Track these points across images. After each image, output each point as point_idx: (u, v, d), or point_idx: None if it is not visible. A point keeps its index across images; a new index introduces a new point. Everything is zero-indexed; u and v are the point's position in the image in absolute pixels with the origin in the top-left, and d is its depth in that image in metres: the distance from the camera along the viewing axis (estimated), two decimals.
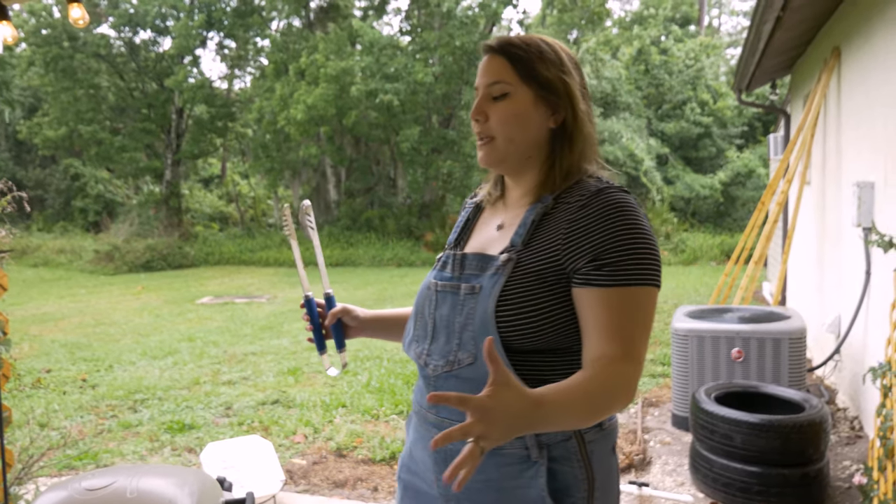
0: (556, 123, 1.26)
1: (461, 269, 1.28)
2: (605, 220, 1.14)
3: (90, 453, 4.03)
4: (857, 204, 4.07)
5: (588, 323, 1.15)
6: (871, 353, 3.99)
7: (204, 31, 19.49)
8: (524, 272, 1.18)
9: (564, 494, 1.19)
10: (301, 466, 3.83)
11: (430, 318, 1.30)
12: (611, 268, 1.12)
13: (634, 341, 1.13)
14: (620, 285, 1.13)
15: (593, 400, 1.09)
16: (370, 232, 18.34)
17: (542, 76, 1.24)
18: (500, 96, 1.25)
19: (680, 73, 19.77)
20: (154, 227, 18.32)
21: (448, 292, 1.28)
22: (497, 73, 1.25)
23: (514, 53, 1.24)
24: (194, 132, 20.67)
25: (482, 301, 1.20)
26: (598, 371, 1.11)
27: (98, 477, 1.43)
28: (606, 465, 1.25)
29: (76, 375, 5.90)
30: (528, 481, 1.19)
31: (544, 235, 1.20)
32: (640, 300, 1.14)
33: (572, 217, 1.18)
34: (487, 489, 1.22)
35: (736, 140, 20.01)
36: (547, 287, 1.17)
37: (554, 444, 1.19)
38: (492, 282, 1.20)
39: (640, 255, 1.13)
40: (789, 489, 3.11)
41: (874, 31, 4.12)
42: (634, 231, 1.14)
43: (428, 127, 17.97)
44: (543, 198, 1.24)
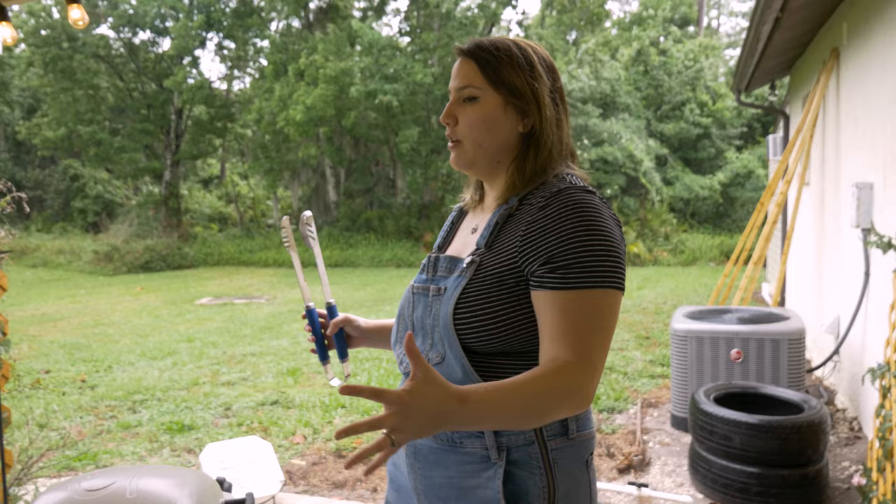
0: (525, 129, 1.25)
1: (434, 272, 1.31)
2: (561, 220, 1.12)
3: (89, 454, 4.03)
4: (856, 205, 4.07)
5: (543, 326, 1.13)
6: (870, 354, 3.99)
7: (203, 32, 19.50)
8: (484, 274, 1.18)
9: (521, 499, 1.17)
10: (300, 467, 3.83)
11: (408, 320, 1.32)
12: (564, 270, 1.10)
13: (587, 345, 1.09)
14: (574, 288, 1.10)
15: (533, 400, 1.05)
16: (369, 232, 18.34)
17: (509, 81, 1.23)
18: (469, 99, 1.25)
19: (679, 74, 19.78)
20: (153, 228, 18.32)
21: (421, 294, 1.30)
22: (466, 76, 1.25)
23: (483, 58, 1.24)
24: (193, 133, 20.68)
25: (444, 303, 1.21)
26: (544, 372, 1.07)
27: (98, 478, 1.43)
28: (573, 478, 1.21)
29: (75, 376, 5.90)
30: (485, 482, 1.19)
31: (505, 237, 1.20)
32: (595, 303, 1.10)
33: (531, 218, 1.16)
34: (449, 485, 1.23)
35: (735, 141, 20.02)
36: (506, 289, 1.16)
37: (514, 448, 1.18)
38: (455, 284, 1.21)
39: (596, 256, 1.10)
40: (788, 490, 3.11)
41: (873, 31, 4.12)
42: (591, 231, 1.11)
43: (427, 128, 17.98)
44: (510, 200, 1.25)
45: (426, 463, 1.26)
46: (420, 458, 1.27)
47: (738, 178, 18.17)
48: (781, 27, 5.15)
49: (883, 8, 3.88)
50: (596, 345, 1.10)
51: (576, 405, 1.09)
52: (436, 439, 1.24)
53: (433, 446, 1.25)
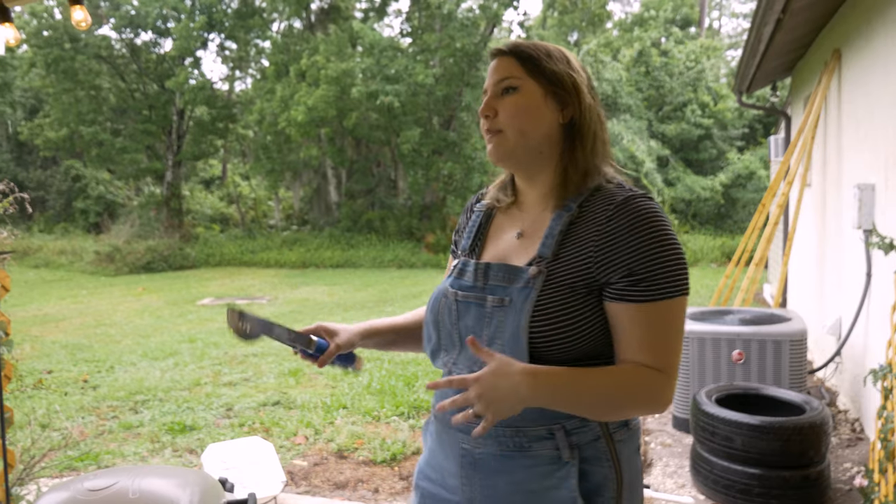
0: (565, 119, 1.25)
1: (485, 280, 1.26)
2: (636, 232, 1.14)
3: (91, 454, 4.04)
4: (858, 206, 4.07)
5: (623, 335, 1.17)
6: (872, 356, 3.99)
7: (205, 33, 19.52)
8: (556, 285, 1.18)
9: (595, 495, 1.20)
10: (302, 468, 3.83)
11: (453, 329, 1.29)
12: (646, 283, 1.13)
13: (668, 352, 1.16)
14: (656, 300, 1.14)
15: (608, 392, 1.14)
16: (371, 233, 18.35)
17: (549, 70, 1.24)
18: (509, 90, 1.25)
19: (680, 75, 19.78)
20: (155, 229, 18.33)
21: (472, 303, 1.26)
22: (506, 69, 1.26)
23: (523, 51, 1.26)
24: (195, 133, 20.70)
25: (513, 315, 1.19)
26: (625, 371, 1.15)
27: (100, 478, 1.44)
28: (634, 465, 1.26)
29: (77, 376, 5.91)
30: (558, 482, 1.19)
31: (573, 246, 1.19)
32: (673, 311, 1.16)
33: (602, 228, 1.17)
34: (516, 491, 1.22)
35: (737, 142, 20.02)
36: (579, 298, 1.17)
37: (585, 445, 1.20)
38: (523, 295, 1.19)
39: (671, 266, 1.14)
40: (790, 491, 3.11)
41: (874, 33, 4.12)
42: (665, 242, 1.14)
43: (429, 128, 17.99)
44: (567, 206, 1.23)
45: (487, 472, 1.24)
46: (480, 468, 1.25)
47: (740, 179, 18.17)
48: (783, 28, 5.15)
49: (884, 9, 3.88)
50: (675, 350, 1.17)
51: (654, 409, 1.17)
52: (501, 446, 1.22)
53: (497, 454, 1.23)
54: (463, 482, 1.27)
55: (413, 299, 10.68)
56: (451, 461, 1.29)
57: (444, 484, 1.32)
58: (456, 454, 1.28)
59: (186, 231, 19.49)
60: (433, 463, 1.36)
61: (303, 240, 18.51)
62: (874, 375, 2.93)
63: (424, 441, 1.43)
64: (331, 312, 9.40)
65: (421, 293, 11.42)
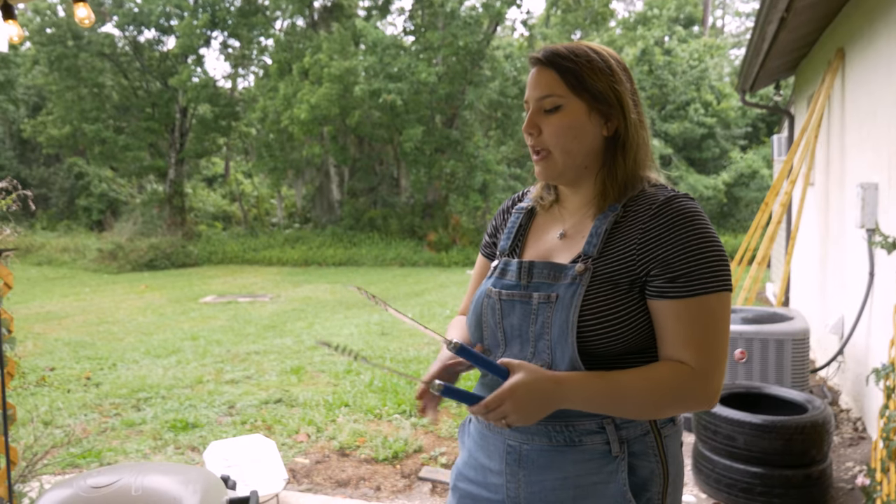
0: (609, 132, 1.27)
1: (529, 278, 1.28)
2: (676, 230, 1.16)
3: (94, 451, 4.05)
4: (861, 205, 4.07)
5: (664, 332, 1.19)
6: (875, 355, 3.99)
7: (208, 31, 19.53)
8: (602, 281, 1.20)
9: (642, 489, 1.22)
10: (304, 465, 3.84)
11: (498, 327, 1.30)
12: (684, 279, 1.15)
13: (709, 348, 1.17)
14: (694, 295, 1.15)
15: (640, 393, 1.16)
16: (373, 231, 18.36)
17: (593, 87, 1.24)
18: (553, 109, 1.24)
19: (684, 74, 19.74)
20: (157, 226, 18.36)
21: (517, 301, 1.27)
22: (547, 86, 1.24)
23: (563, 65, 1.24)
24: (198, 131, 20.71)
25: (561, 311, 1.20)
26: (661, 370, 1.18)
27: (103, 475, 1.44)
28: (678, 460, 1.29)
29: (80, 374, 5.92)
30: (608, 476, 1.21)
31: (618, 244, 1.21)
32: (714, 307, 1.16)
33: (645, 227, 1.19)
34: (563, 486, 1.23)
35: (740, 141, 19.99)
36: (624, 293, 1.19)
37: (634, 440, 1.22)
38: (570, 291, 1.20)
39: (711, 262, 1.16)
40: (792, 490, 3.10)
41: (878, 32, 4.11)
42: (703, 238, 1.16)
43: (431, 127, 17.98)
44: (612, 206, 1.25)
45: (534, 468, 1.25)
46: (526, 465, 1.26)
47: (743, 178, 18.14)
48: (787, 27, 5.14)
49: (888, 9, 3.88)
50: (716, 346, 1.17)
51: (696, 406, 1.19)
52: (551, 440, 1.23)
53: (544, 448, 1.24)
54: (508, 479, 1.28)
55: (415, 297, 10.68)
56: (495, 459, 1.30)
57: (485, 484, 1.32)
58: (500, 451, 1.29)
59: (189, 229, 19.51)
60: (472, 463, 1.36)
61: (305, 238, 18.52)
62: (877, 375, 2.93)
63: (462, 443, 1.44)
64: (333, 311, 9.40)
65: (423, 291, 11.42)
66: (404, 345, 6.95)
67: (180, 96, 19.86)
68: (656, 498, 1.22)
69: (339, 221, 19.43)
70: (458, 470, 1.41)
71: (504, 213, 1.47)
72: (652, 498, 1.22)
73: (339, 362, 6.19)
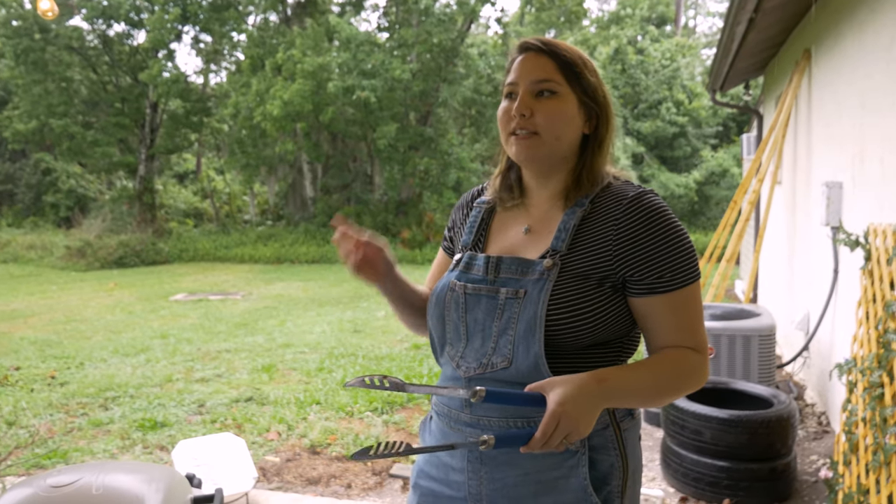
0: (589, 130, 1.30)
1: (496, 272, 1.28)
2: (653, 228, 1.20)
3: (59, 452, 3.98)
4: (826, 203, 4.14)
5: (657, 325, 1.23)
6: (839, 350, 4.06)
7: (179, 25, 19.26)
8: (570, 276, 1.21)
9: (603, 483, 1.23)
10: (274, 464, 3.81)
11: (461, 321, 1.30)
12: (671, 274, 1.20)
13: (698, 332, 1.24)
14: (680, 287, 1.21)
15: (665, 379, 1.21)
16: None
17: (586, 83, 1.28)
18: (548, 94, 1.25)
19: (656, 73, 19.93)
20: (127, 223, 18.09)
21: (483, 296, 1.27)
22: (545, 72, 1.26)
23: (563, 57, 1.26)
24: (169, 127, 20.44)
25: (529, 306, 1.20)
26: (671, 356, 1.22)
27: (64, 474, 1.42)
28: (637, 453, 1.30)
29: (45, 373, 5.82)
30: (568, 471, 1.21)
31: (588, 240, 1.23)
32: (695, 294, 1.23)
33: (619, 224, 1.21)
34: (525, 482, 1.23)
35: (710, 140, 20.24)
36: (593, 288, 1.20)
37: (594, 434, 1.22)
38: (538, 287, 1.21)
39: (688, 255, 1.22)
40: (758, 483, 3.16)
41: (843, 34, 4.19)
42: (679, 233, 1.21)
43: (405, 124, 17.95)
44: (579, 201, 1.27)
45: (496, 465, 1.25)
46: (488, 462, 1.26)
47: (714, 177, 18.38)
48: (755, 28, 5.21)
49: (853, 10, 3.95)
50: (703, 329, 1.26)
51: (697, 386, 1.24)
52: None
53: None
54: (470, 476, 1.28)
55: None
56: (457, 457, 1.30)
57: (447, 481, 1.32)
58: (462, 449, 1.29)
59: (159, 226, 19.27)
60: (434, 461, 1.36)
61: (278, 235, 18.39)
62: (840, 369, 2.98)
63: (422, 439, 1.43)
64: (306, 308, 9.35)
65: None
66: (377, 342, 6.94)
67: (151, 91, 19.58)
68: (616, 491, 1.23)
69: (313, 219, 19.31)
70: (419, 467, 1.40)
71: (463, 207, 1.47)
72: (612, 491, 1.23)
73: (311, 360, 6.16)
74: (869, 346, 2.78)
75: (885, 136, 3.32)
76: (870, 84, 3.62)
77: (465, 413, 1.27)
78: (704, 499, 3.22)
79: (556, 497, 1.22)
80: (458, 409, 1.28)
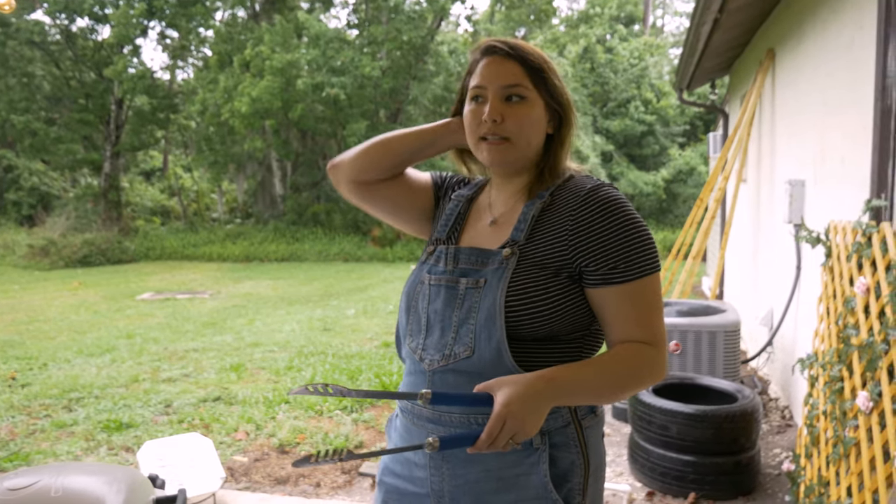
0: (552, 130, 1.32)
1: (455, 263, 1.30)
2: (608, 219, 1.21)
3: (21, 454, 3.90)
4: (789, 201, 4.21)
5: (612, 317, 1.22)
6: (801, 346, 4.14)
7: (145, 20, 18.95)
8: (529, 264, 1.22)
9: (563, 480, 1.23)
10: (242, 464, 3.78)
11: (423, 313, 1.31)
12: (625, 264, 1.20)
13: (655, 326, 1.23)
14: (636, 278, 1.20)
15: (619, 375, 1.19)
16: (316, 227, 18.17)
17: (552, 86, 1.29)
18: (517, 99, 1.27)
19: (625, 72, 20.11)
20: (92, 221, 17.76)
21: (443, 286, 1.29)
22: (514, 77, 1.27)
23: (530, 61, 1.27)
24: (134, 124, 20.11)
25: (489, 294, 1.21)
26: (625, 351, 1.21)
27: (22, 476, 1.39)
28: (599, 451, 1.31)
29: (6, 374, 5.69)
30: (529, 468, 1.22)
31: (546, 229, 1.25)
32: (653, 286, 1.22)
33: (575, 215, 1.23)
34: (486, 479, 1.24)
35: (678, 138, 20.48)
36: (550, 277, 1.21)
37: (554, 431, 1.23)
38: (497, 275, 1.22)
39: (645, 246, 1.21)
40: (723, 477, 3.20)
41: (805, 34, 4.26)
42: (636, 225, 1.22)
43: (375, 121, 17.88)
44: (539, 194, 1.29)
45: (457, 462, 1.25)
46: (449, 459, 1.26)
47: (681, 175, 18.60)
48: (720, 28, 5.28)
49: (816, 11, 4.02)
50: (660, 322, 1.24)
51: (654, 380, 1.23)
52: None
53: None
54: (432, 473, 1.28)
55: (359, 293, 10.62)
56: (419, 453, 1.30)
57: (410, 478, 1.33)
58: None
59: (125, 224, 18.96)
60: (398, 458, 1.36)
61: (246, 233, 18.21)
62: (802, 364, 3.04)
63: (388, 437, 1.43)
64: (275, 307, 9.28)
65: (367, 287, 11.36)
66: (346, 340, 6.91)
67: (116, 87, 19.24)
68: (577, 488, 1.24)
69: (282, 216, 19.16)
70: (384, 464, 1.41)
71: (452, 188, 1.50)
72: (573, 488, 1.23)
73: (280, 359, 6.11)
74: (829, 341, 2.83)
75: (845, 134, 3.39)
76: (831, 83, 3.69)
77: (427, 409, 1.28)
78: (671, 493, 3.27)
79: (517, 493, 1.22)
80: (421, 405, 1.28)
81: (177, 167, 24.91)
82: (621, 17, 23.54)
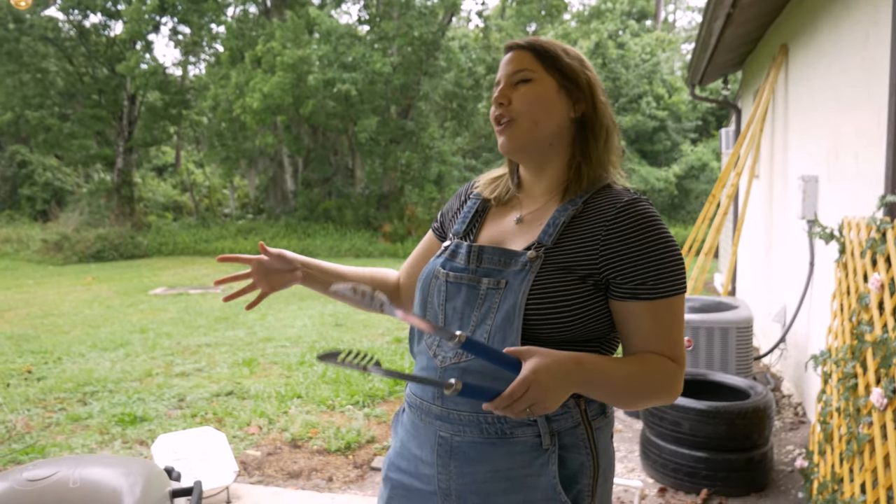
0: (576, 114, 1.29)
1: (478, 262, 1.27)
2: (643, 235, 1.19)
3: (37, 447, 3.94)
4: (802, 197, 4.19)
5: (636, 331, 1.21)
6: (814, 342, 4.12)
7: (157, 16, 19.02)
8: (553, 269, 1.20)
9: (572, 481, 1.21)
10: (255, 457, 3.80)
11: (440, 309, 1.29)
12: (654, 281, 1.18)
13: (677, 345, 1.22)
14: (664, 297, 1.19)
15: (639, 381, 1.19)
16: (328, 222, 18.21)
17: (565, 66, 1.28)
18: (523, 81, 1.27)
19: (636, 68, 20.02)
20: (105, 217, 17.88)
21: (464, 284, 1.27)
22: (520, 63, 1.28)
23: (539, 46, 1.28)
24: (147, 119, 20.20)
25: (510, 296, 1.20)
26: (650, 360, 1.20)
27: (40, 467, 1.41)
28: (609, 453, 1.29)
29: (22, 368, 5.75)
30: (538, 469, 1.20)
31: (577, 236, 1.22)
32: (677, 307, 1.22)
33: (609, 226, 1.20)
34: (495, 479, 1.22)
35: (690, 134, 20.38)
36: (575, 283, 1.19)
37: (565, 432, 1.21)
38: (519, 277, 1.20)
39: (675, 266, 1.20)
40: (735, 473, 3.20)
41: (819, 29, 4.23)
42: (668, 243, 1.20)
43: (386, 117, 17.89)
44: (572, 200, 1.26)
45: (465, 460, 1.24)
46: (457, 457, 1.25)
47: (693, 171, 18.51)
48: (733, 23, 5.25)
49: (829, 6, 3.99)
50: (681, 342, 1.24)
51: (671, 397, 1.23)
52: (482, 432, 1.22)
53: (476, 441, 1.23)
54: (439, 470, 1.27)
55: None
56: (426, 450, 1.29)
57: (417, 474, 1.31)
58: (432, 442, 1.28)
59: (138, 219, 19.06)
60: (405, 453, 1.35)
61: (258, 229, 18.28)
62: (815, 361, 3.03)
63: (395, 432, 1.42)
64: (287, 302, 9.32)
65: None
66: (358, 336, 6.93)
67: (128, 83, 19.33)
68: (586, 490, 1.22)
69: (294, 212, 19.22)
70: (389, 460, 1.39)
71: (462, 195, 1.48)
72: (582, 490, 1.22)
73: (292, 354, 6.14)
74: (843, 337, 2.82)
75: (859, 130, 3.37)
76: (845, 79, 3.67)
77: (435, 405, 1.26)
78: (683, 489, 3.26)
79: (525, 494, 1.21)
80: (430, 401, 1.27)
81: (189, 163, 25.03)
82: (633, 12, 23.42)
